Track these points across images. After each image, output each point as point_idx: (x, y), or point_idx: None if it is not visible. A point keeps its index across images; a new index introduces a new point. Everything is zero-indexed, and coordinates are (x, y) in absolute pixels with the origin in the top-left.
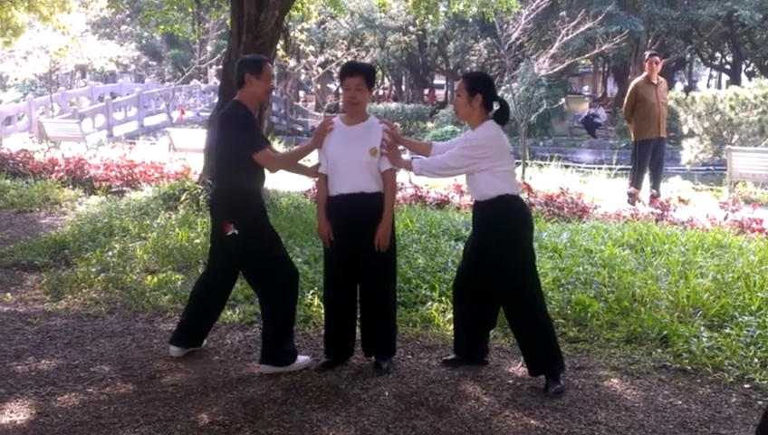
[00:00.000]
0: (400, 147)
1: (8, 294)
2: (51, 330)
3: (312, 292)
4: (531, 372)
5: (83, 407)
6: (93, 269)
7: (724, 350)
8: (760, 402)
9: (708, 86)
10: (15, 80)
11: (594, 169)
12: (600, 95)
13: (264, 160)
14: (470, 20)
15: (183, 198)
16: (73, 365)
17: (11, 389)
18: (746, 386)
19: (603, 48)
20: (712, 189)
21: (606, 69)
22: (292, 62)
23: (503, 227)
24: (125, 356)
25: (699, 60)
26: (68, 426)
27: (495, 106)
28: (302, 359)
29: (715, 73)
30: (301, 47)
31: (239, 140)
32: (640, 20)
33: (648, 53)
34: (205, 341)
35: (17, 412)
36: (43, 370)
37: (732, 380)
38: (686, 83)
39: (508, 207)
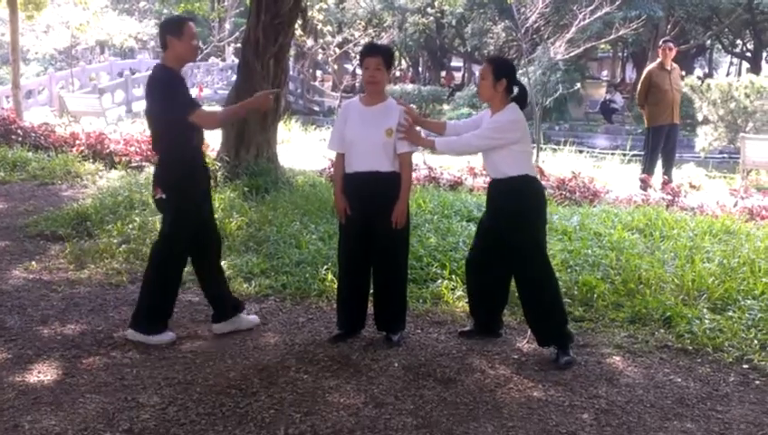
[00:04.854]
0: (418, 128)
1: (33, 263)
2: (75, 297)
3: (325, 267)
4: (540, 343)
5: (107, 369)
6: (114, 240)
7: (725, 331)
8: (757, 382)
9: (728, 73)
10: (36, 54)
11: (608, 154)
12: (618, 80)
13: (200, 120)
14: (487, 1)
15: None
16: (97, 330)
17: (38, 351)
18: (745, 366)
19: (621, 33)
20: (725, 177)
21: (625, 54)
22: (309, 42)
23: (518, 204)
24: None
25: (720, 47)
26: (93, 386)
27: (515, 90)
28: (167, 335)
29: (735, 61)
30: (318, 27)
31: (168, 104)
32: (660, 5)
33: (661, 40)
34: (250, 317)
35: (45, 373)
36: (68, 334)
37: (731, 360)
38: (706, 70)
39: (525, 186)
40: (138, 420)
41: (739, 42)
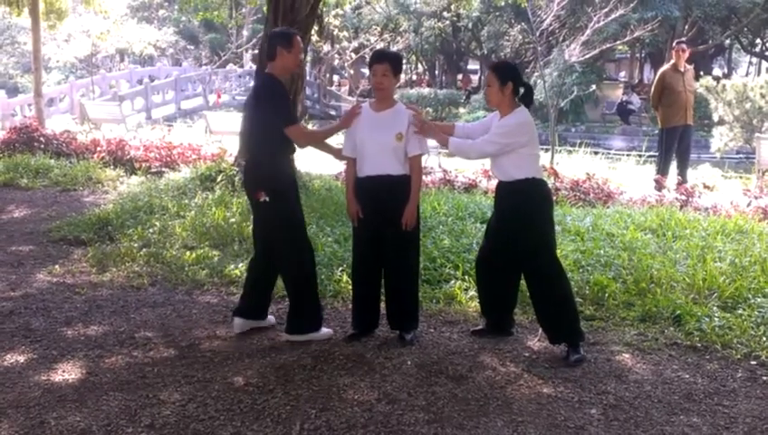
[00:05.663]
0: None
1: (57, 267)
2: (97, 299)
3: (341, 269)
4: (551, 340)
5: (129, 368)
6: (135, 244)
7: (734, 329)
8: (765, 378)
9: (748, 73)
10: (57, 62)
11: (624, 155)
12: (636, 81)
13: (295, 135)
14: (504, 4)
15: (219, 179)
16: (119, 331)
17: (62, 351)
18: (753, 363)
19: (636, 34)
20: (741, 177)
21: (642, 55)
22: (326, 47)
23: (524, 206)
24: (166, 324)
25: (739, 47)
26: (116, 384)
27: (521, 90)
28: (325, 331)
29: (755, 61)
30: (335, 32)
31: (272, 113)
32: (676, 6)
33: (675, 42)
34: (268, 317)
35: (69, 372)
36: (91, 335)
37: (739, 357)
38: (725, 70)
39: (532, 189)
40: (159, 417)
41: (758, 41)
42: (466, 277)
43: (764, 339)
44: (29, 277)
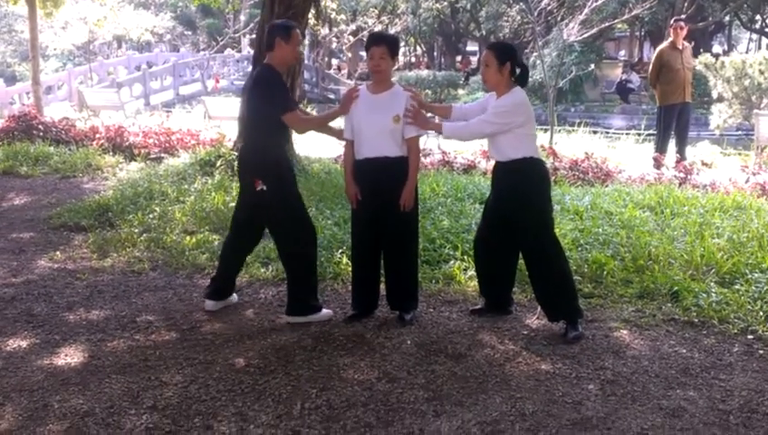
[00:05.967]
0: (428, 114)
1: (58, 253)
2: (98, 285)
3: (340, 251)
4: (549, 318)
5: (131, 351)
6: (136, 230)
7: (731, 304)
8: (761, 351)
9: (748, 50)
10: (55, 50)
11: (623, 134)
12: (635, 60)
13: (293, 122)
14: None
15: (218, 163)
16: (121, 316)
17: (65, 336)
18: (749, 337)
19: (635, 12)
20: (740, 154)
21: (642, 33)
22: (323, 31)
23: (521, 186)
24: (168, 308)
25: (739, 23)
26: (118, 367)
27: (517, 70)
28: (325, 312)
29: (755, 37)
30: (332, 16)
31: (269, 101)
32: None
33: (672, 20)
34: (234, 295)
35: (72, 356)
36: (93, 319)
37: (736, 331)
38: (725, 47)
39: (529, 168)
40: (161, 398)
41: (758, 18)
42: (465, 257)
43: (761, 313)
44: (30, 264)
